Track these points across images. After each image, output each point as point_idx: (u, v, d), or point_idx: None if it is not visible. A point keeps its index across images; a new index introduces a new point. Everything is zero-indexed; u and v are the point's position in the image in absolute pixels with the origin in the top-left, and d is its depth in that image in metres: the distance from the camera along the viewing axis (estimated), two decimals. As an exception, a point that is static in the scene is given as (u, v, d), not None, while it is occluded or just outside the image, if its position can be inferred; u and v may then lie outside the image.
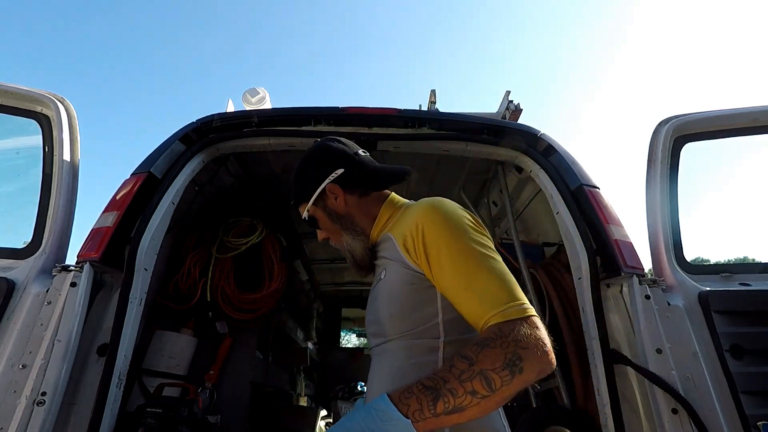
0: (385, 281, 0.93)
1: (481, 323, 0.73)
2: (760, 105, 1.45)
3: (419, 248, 0.85)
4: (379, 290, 0.94)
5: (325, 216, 1.04)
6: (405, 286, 0.88)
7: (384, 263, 0.95)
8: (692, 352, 1.19)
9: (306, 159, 1.06)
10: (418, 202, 0.96)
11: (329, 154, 1.04)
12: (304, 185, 1.05)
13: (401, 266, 0.89)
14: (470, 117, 1.88)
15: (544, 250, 2.35)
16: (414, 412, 0.67)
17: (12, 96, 1.45)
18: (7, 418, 1.05)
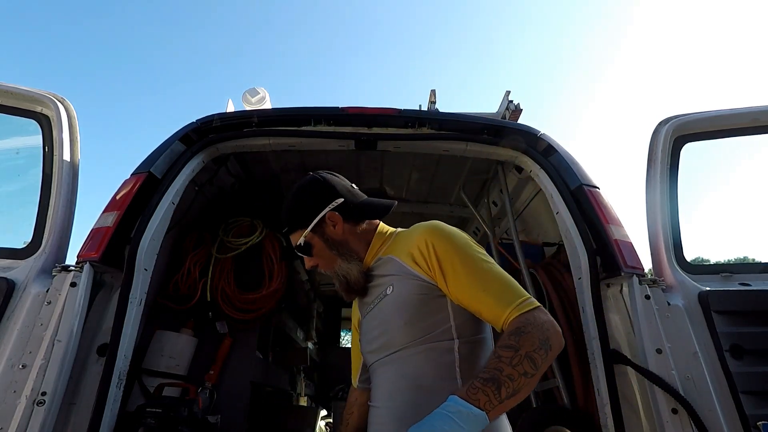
0: (394, 295, 0.99)
1: (502, 319, 0.85)
2: (760, 105, 1.45)
3: (432, 262, 0.95)
4: (385, 304, 1.01)
5: (321, 243, 1.09)
6: (417, 296, 0.97)
7: (388, 280, 1.02)
8: (692, 352, 1.19)
9: (303, 188, 1.12)
10: (414, 227, 1.07)
11: (328, 184, 1.11)
12: (301, 213, 1.10)
13: (411, 279, 0.98)
14: (470, 117, 1.88)
15: (544, 250, 2.35)
16: (485, 403, 0.73)
17: (12, 96, 1.45)
18: (7, 418, 1.05)
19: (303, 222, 1.09)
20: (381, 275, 1.06)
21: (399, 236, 1.11)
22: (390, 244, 1.10)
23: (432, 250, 0.96)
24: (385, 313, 1.00)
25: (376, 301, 1.04)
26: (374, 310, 1.04)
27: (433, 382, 0.91)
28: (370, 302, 1.07)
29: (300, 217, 1.09)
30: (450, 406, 0.74)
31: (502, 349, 0.79)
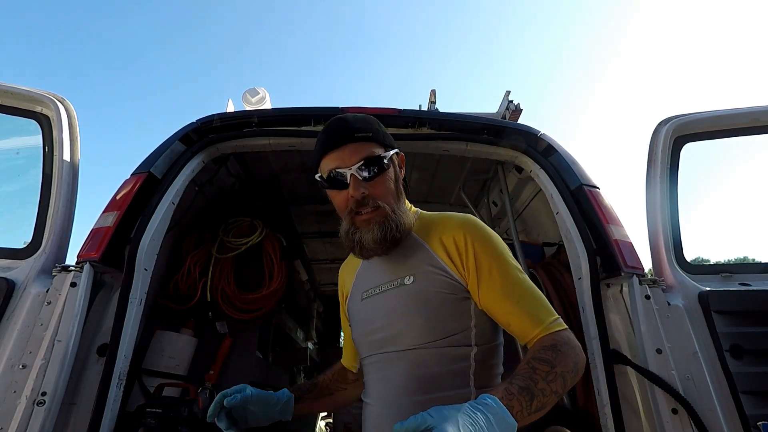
0: (415, 288, 0.91)
1: (532, 335, 0.83)
2: (760, 105, 1.45)
3: (468, 262, 0.90)
4: (401, 295, 0.92)
5: (391, 174, 0.95)
6: (442, 295, 0.90)
7: (410, 268, 0.93)
8: (692, 352, 1.19)
9: (374, 122, 0.99)
10: (444, 214, 1.00)
11: None
12: (383, 134, 0.97)
13: (439, 274, 0.91)
14: (470, 117, 1.88)
15: (544, 250, 2.35)
16: (518, 412, 0.69)
17: (12, 96, 1.45)
18: (7, 418, 1.05)
19: (385, 140, 0.96)
20: (403, 256, 0.95)
21: (425, 218, 1.02)
22: (419, 224, 1.00)
23: (471, 248, 0.90)
24: (399, 304, 0.92)
25: (388, 286, 0.95)
26: (383, 296, 0.95)
27: (447, 389, 0.86)
28: (379, 285, 0.97)
29: (381, 135, 0.96)
30: (489, 405, 0.66)
31: (537, 362, 0.75)
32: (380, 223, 0.91)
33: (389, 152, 0.95)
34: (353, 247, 0.94)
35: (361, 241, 0.92)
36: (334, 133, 0.94)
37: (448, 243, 0.92)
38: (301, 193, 2.74)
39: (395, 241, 0.92)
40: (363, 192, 0.90)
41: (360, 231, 0.92)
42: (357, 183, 0.90)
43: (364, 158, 0.91)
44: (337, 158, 0.92)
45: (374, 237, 0.90)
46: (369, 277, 1.01)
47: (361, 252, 0.94)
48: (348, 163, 0.90)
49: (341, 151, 0.91)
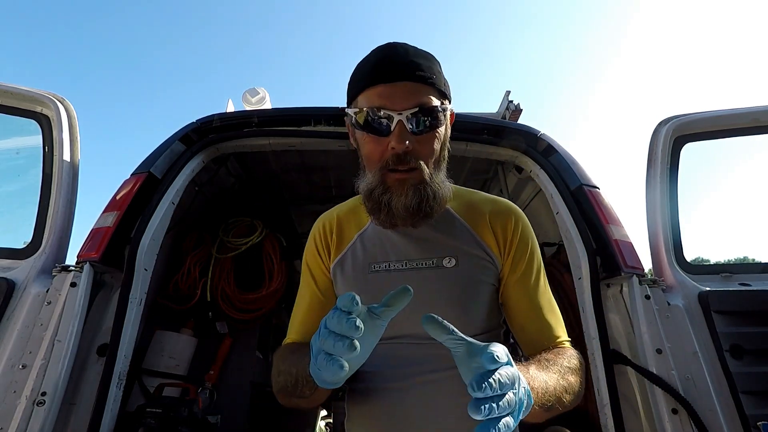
0: (456, 273, 0.79)
1: (550, 342, 0.78)
2: (761, 105, 1.45)
3: (512, 251, 0.81)
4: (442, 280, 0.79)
5: (441, 133, 0.79)
6: (487, 286, 0.81)
7: (452, 249, 0.81)
8: (692, 352, 1.19)
9: (437, 62, 0.81)
10: (491, 196, 0.90)
11: None
12: (444, 80, 0.80)
13: (487, 261, 0.81)
14: (470, 117, 1.88)
15: (544, 250, 2.35)
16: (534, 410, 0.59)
17: (12, 96, 1.45)
18: (7, 418, 1.05)
19: (446, 87, 0.80)
20: (439, 233, 0.82)
21: (463, 194, 0.90)
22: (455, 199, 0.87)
23: (517, 237, 0.82)
24: (436, 289, 0.78)
25: (420, 264, 0.80)
26: (410, 275, 0.80)
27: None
28: (403, 260, 0.81)
29: (444, 80, 0.80)
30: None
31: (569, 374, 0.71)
32: (416, 187, 0.76)
33: (447, 105, 0.79)
34: (378, 209, 0.78)
35: (389, 204, 0.77)
36: (388, 62, 0.75)
37: (497, 227, 0.82)
38: (301, 193, 2.74)
39: (429, 214, 0.78)
40: (408, 146, 0.73)
41: (391, 192, 0.77)
42: (404, 133, 0.73)
43: (420, 105, 0.74)
44: (385, 95, 0.74)
45: (407, 203, 0.75)
46: (384, 246, 0.84)
47: (387, 218, 0.78)
48: (399, 105, 0.73)
49: (393, 87, 0.74)
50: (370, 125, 0.75)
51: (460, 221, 0.85)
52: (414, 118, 0.74)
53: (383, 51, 0.77)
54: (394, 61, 0.75)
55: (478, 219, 0.84)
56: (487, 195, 0.90)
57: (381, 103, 0.74)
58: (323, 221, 0.93)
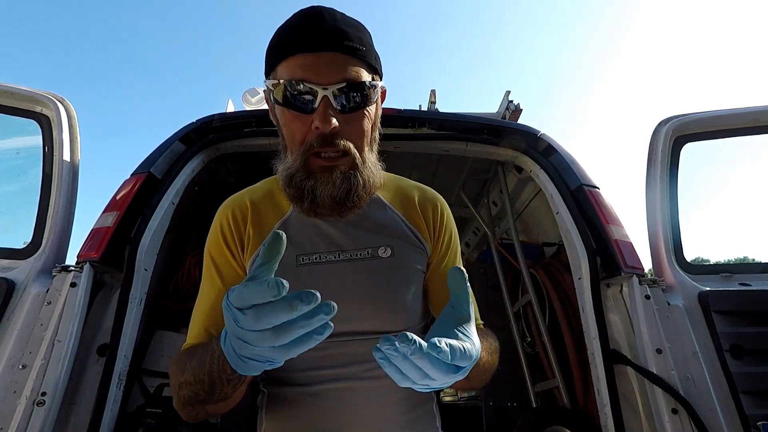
0: (393, 263, 0.73)
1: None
2: (760, 105, 1.45)
3: (440, 234, 0.79)
4: (381, 271, 0.73)
5: (372, 112, 0.72)
6: (420, 274, 0.77)
7: (385, 238, 0.75)
8: (692, 352, 1.19)
9: (368, 32, 0.73)
10: (407, 180, 0.86)
11: None
12: (375, 53, 0.72)
13: (416, 248, 0.77)
14: (470, 117, 1.88)
15: (544, 250, 2.35)
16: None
17: (12, 96, 1.45)
18: (7, 418, 1.05)
19: (376, 62, 0.72)
20: (371, 221, 0.76)
21: (388, 179, 0.84)
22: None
23: (444, 221, 0.80)
24: (376, 282, 0.72)
25: (354, 255, 0.73)
26: (345, 266, 0.72)
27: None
28: (335, 251, 0.73)
29: (375, 54, 0.72)
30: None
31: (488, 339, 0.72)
32: (345, 174, 0.68)
33: (378, 81, 0.71)
34: (301, 197, 0.69)
35: (314, 192, 0.68)
36: (312, 27, 0.66)
37: (427, 212, 0.79)
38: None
39: (357, 204, 0.71)
40: (334, 126, 0.65)
41: (315, 179, 0.68)
42: (329, 111, 0.65)
43: (348, 80, 0.65)
44: (308, 66, 0.65)
45: (334, 193, 0.67)
46: (312, 236, 0.75)
47: (311, 206, 0.69)
48: (324, 79, 0.64)
49: (317, 57, 0.65)
50: (289, 101, 0.67)
51: (391, 208, 0.79)
52: (341, 94, 0.66)
53: (307, 15, 0.67)
54: (319, 27, 0.66)
55: (409, 205, 0.80)
56: (412, 181, 0.87)
57: (303, 76, 0.65)
58: (231, 208, 0.79)
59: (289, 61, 0.66)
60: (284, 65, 0.67)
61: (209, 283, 0.78)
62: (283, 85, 0.66)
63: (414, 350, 0.40)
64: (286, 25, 0.69)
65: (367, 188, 0.71)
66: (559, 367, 1.83)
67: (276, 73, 0.69)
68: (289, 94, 0.66)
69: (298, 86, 0.65)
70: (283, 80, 0.66)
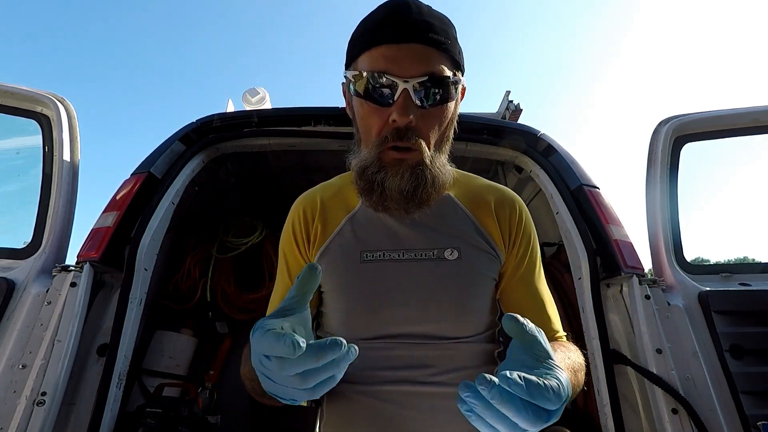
0: (460, 267, 0.71)
1: (550, 334, 0.73)
2: (760, 105, 1.45)
3: (516, 241, 0.75)
4: (445, 273, 0.70)
5: (451, 109, 0.69)
6: (489, 281, 0.73)
7: (453, 239, 0.73)
8: (692, 352, 1.19)
9: (453, 27, 0.70)
10: (493, 183, 0.83)
11: None
12: (460, 47, 0.70)
13: (490, 253, 0.74)
14: (470, 117, 1.88)
15: (544, 250, 2.35)
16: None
17: (12, 96, 1.45)
18: (7, 418, 1.05)
19: (461, 56, 0.69)
20: (440, 222, 0.74)
21: (462, 179, 0.82)
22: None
23: (521, 228, 0.76)
24: (439, 284, 0.70)
25: (419, 255, 0.71)
26: (409, 266, 0.71)
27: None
28: (400, 249, 0.72)
29: (460, 48, 0.70)
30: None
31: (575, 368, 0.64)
32: (413, 169, 0.66)
33: (460, 77, 0.68)
34: (371, 189, 0.68)
35: (383, 184, 0.66)
36: (397, 18, 0.64)
37: (502, 217, 0.75)
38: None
39: (425, 201, 0.69)
40: (411, 120, 0.63)
41: (386, 171, 0.67)
42: (408, 105, 0.63)
43: (430, 73, 0.63)
44: (390, 58, 0.63)
45: (402, 186, 0.66)
46: (378, 232, 0.74)
47: (380, 199, 0.68)
48: (406, 71, 0.62)
49: (400, 49, 0.63)
50: (369, 93, 0.65)
51: (463, 209, 0.77)
52: (422, 88, 0.63)
53: (392, 5, 0.66)
54: (403, 18, 0.64)
55: (482, 208, 0.77)
56: (490, 182, 0.84)
57: (385, 67, 0.63)
58: (303, 205, 0.80)
59: (372, 52, 0.65)
60: (366, 56, 0.65)
61: (280, 278, 0.81)
62: (364, 76, 0.65)
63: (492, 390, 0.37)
64: (370, 16, 0.68)
65: (436, 185, 0.68)
66: (559, 367, 1.83)
67: (356, 64, 0.67)
68: (369, 85, 0.64)
69: (379, 78, 0.63)
70: (364, 72, 0.65)
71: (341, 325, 0.74)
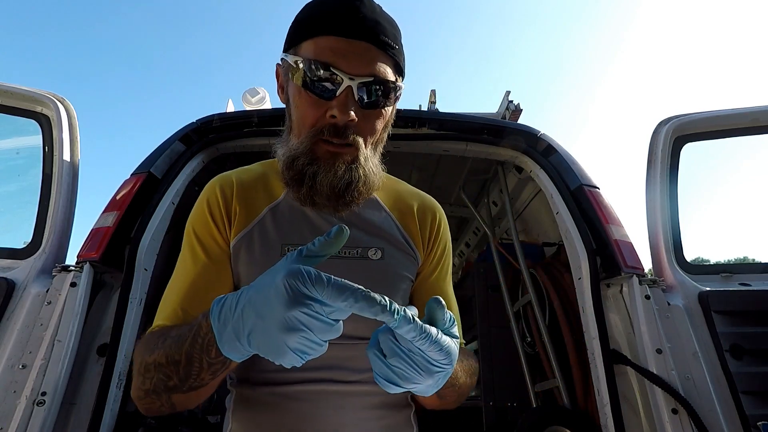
0: (382, 267, 0.71)
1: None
2: (760, 105, 1.45)
3: (434, 245, 0.77)
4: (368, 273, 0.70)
5: (388, 113, 0.70)
6: (407, 282, 0.74)
7: (377, 239, 0.73)
8: (692, 352, 1.19)
9: (400, 32, 0.69)
10: (405, 184, 0.84)
11: None
12: (403, 54, 0.69)
13: (410, 256, 0.75)
14: (470, 117, 1.88)
15: (544, 250, 2.35)
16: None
17: (12, 96, 1.45)
18: (7, 418, 1.05)
19: (403, 64, 0.69)
20: (363, 221, 0.74)
21: (387, 183, 0.81)
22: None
23: (440, 233, 0.77)
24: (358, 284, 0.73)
25: (343, 253, 0.70)
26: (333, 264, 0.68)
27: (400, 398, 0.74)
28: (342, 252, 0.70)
29: (404, 58, 0.70)
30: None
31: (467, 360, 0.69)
32: (348, 166, 0.66)
33: (401, 84, 0.68)
34: (300, 181, 0.66)
35: (314, 178, 0.65)
36: (351, 11, 0.63)
37: (423, 220, 0.77)
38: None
39: (354, 200, 0.68)
40: (352, 119, 0.62)
41: (318, 164, 0.65)
42: (350, 102, 0.62)
43: (376, 75, 0.63)
44: (339, 51, 0.62)
45: (335, 182, 0.65)
46: (301, 226, 0.72)
47: (309, 194, 0.67)
48: (353, 69, 0.61)
49: (350, 44, 0.62)
50: (309, 83, 0.62)
51: (387, 211, 0.77)
52: (365, 88, 0.62)
53: (347, 2, 0.64)
54: (356, 12, 0.62)
55: (406, 211, 0.78)
56: (412, 187, 0.84)
57: (331, 60, 0.61)
58: (219, 183, 0.76)
59: (318, 40, 0.63)
60: (312, 43, 0.63)
61: (191, 260, 0.71)
62: (307, 64, 0.62)
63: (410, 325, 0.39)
64: (321, 1, 0.65)
65: (367, 185, 0.68)
66: (559, 367, 1.83)
67: (299, 49, 0.65)
68: (311, 76, 0.62)
69: (323, 70, 0.61)
70: (308, 59, 0.62)
71: None
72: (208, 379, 0.54)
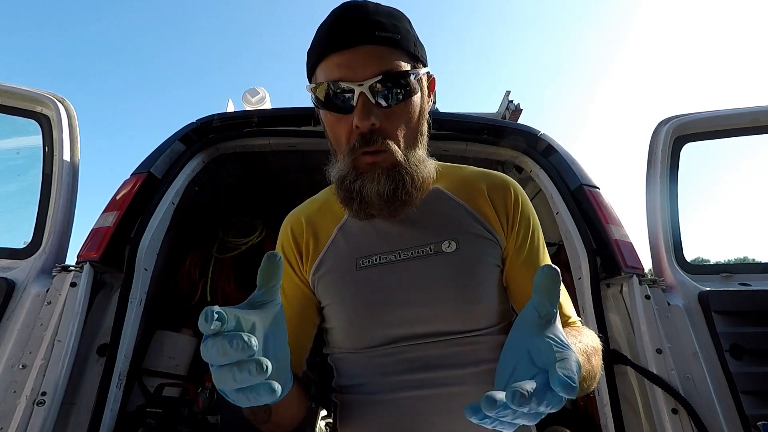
0: (460, 258, 0.68)
1: (565, 324, 0.72)
2: (760, 105, 1.45)
3: (515, 224, 0.72)
4: (446, 266, 0.68)
5: (416, 103, 0.67)
6: (493, 268, 0.70)
7: (449, 231, 0.70)
8: (692, 352, 1.19)
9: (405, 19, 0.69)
10: (482, 169, 0.81)
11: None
12: (415, 38, 0.68)
13: (490, 240, 0.71)
14: (470, 117, 1.88)
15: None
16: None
17: (12, 96, 1.45)
18: (7, 418, 1.05)
19: (417, 48, 0.68)
20: (431, 215, 0.72)
21: (450, 170, 0.80)
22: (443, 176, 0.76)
23: (519, 210, 0.73)
24: (440, 278, 0.67)
25: (415, 253, 0.69)
26: (406, 265, 0.69)
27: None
28: (395, 250, 0.70)
29: (415, 39, 0.68)
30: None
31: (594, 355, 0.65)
32: (389, 172, 0.65)
33: (420, 69, 0.67)
34: (350, 199, 0.67)
35: (361, 192, 0.65)
36: (344, 24, 0.63)
37: (497, 200, 0.73)
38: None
39: (407, 201, 0.67)
40: (374, 123, 0.62)
41: (363, 179, 0.65)
42: (368, 108, 0.62)
43: (384, 72, 0.62)
44: (343, 64, 0.63)
45: (380, 191, 0.64)
46: (371, 236, 0.73)
47: (361, 208, 0.67)
48: (359, 75, 0.62)
49: (351, 54, 0.63)
50: (330, 102, 0.65)
51: (454, 199, 0.75)
52: (382, 88, 0.62)
53: (339, 11, 0.65)
54: (349, 22, 0.63)
55: (475, 194, 0.74)
56: (480, 169, 0.81)
57: (340, 75, 0.63)
58: (290, 224, 0.80)
59: (326, 62, 0.65)
60: (322, 67, 0.66)
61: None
62: (322, 87, 0.64)
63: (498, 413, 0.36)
64: (321, 26, 0.67)
65: (416, 183, 0.66)
66: (559, 367, 1.83)
67: (315, 77, 0.68)
68: (329, 94, 0.64)
69: (336, 87, 0.63)
70: (320, 83, 0.65)
71: (346, 337, 0.72)
72: (265, 416, 0.60)
